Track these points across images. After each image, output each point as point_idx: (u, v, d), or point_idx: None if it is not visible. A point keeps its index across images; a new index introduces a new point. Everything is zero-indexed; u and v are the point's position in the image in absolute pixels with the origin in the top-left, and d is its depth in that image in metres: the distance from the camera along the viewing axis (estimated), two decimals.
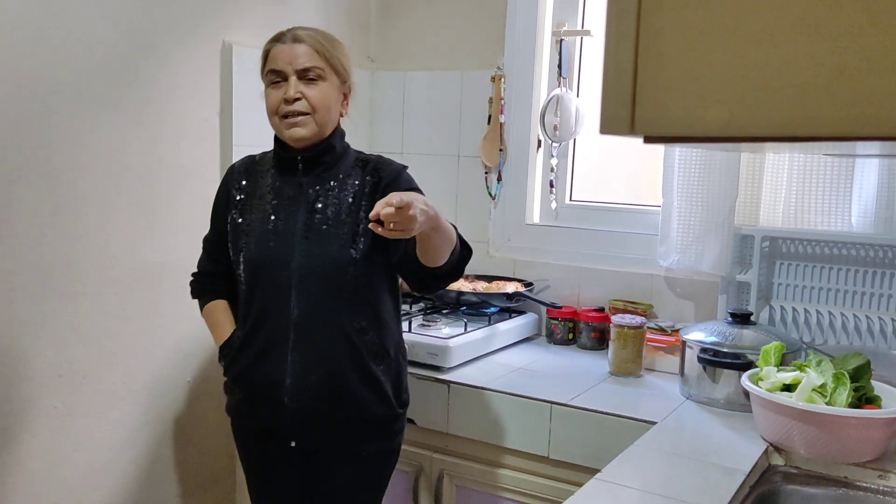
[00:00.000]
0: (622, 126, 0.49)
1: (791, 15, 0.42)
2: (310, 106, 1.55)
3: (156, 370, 1.98)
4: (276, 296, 1.57)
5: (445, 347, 1.95)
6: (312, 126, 1.57)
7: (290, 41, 1.56)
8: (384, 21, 2.61)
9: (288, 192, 1.62)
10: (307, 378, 1.56)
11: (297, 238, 1.57)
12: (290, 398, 1.57)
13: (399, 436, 1.70)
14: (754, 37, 0.44)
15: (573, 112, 2.33)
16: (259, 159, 1.70)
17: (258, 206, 1.62)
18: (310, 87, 1.56)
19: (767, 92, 0.43)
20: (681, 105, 0.47)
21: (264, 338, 1.59)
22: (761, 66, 0.43)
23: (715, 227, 1.97)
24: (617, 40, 0.48)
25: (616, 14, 0.47)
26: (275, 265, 1.57)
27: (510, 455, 1.83)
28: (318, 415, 1.58)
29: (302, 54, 1.55)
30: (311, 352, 1.56)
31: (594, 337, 2.22)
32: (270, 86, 1.58)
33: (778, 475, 1.46)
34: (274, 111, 1.57)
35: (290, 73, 1.55)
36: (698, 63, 0.46)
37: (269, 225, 1.59)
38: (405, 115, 2.59)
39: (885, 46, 0.40)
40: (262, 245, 1.59)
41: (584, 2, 2.35)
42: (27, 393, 1.69)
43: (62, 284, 1.73)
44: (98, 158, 1.77)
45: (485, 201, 2.47)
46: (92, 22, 1.72)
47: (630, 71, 0.47)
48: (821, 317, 1.89)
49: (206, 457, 2.13)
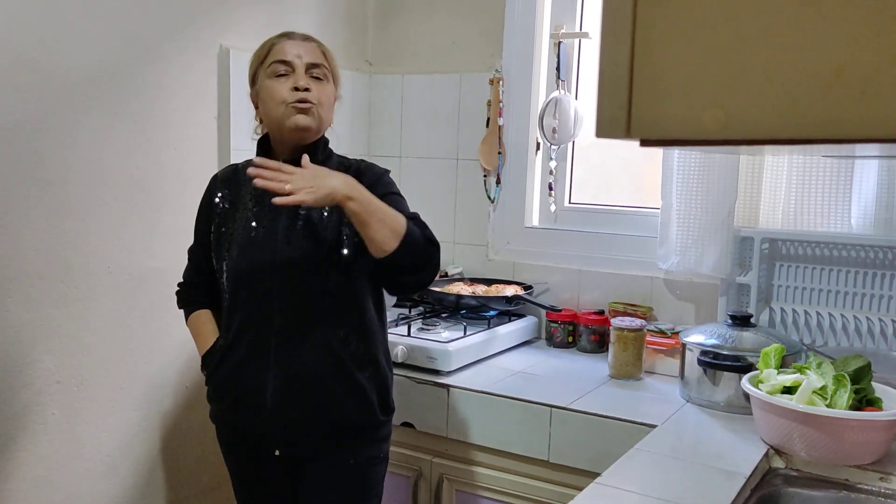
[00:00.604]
0: (618, 129, 0.48)
1: (787, 18, 0.42)
2: (317, 98, 1.56)
3: (154, 376, 1.97)
4: (258, 304, 1.56)
5: (445, 351, 1.94)
6: (317, 118, 1.56)
7: (299, 38, 1.59)
8: (382, 24, 2.61)
9: (269, 197, 1.60)
10: (289, 386, 1.54)
11: (278, 245, 1.55)
12: (272, 406, 1.55)
13: (386, 443, 1.68)
14: (750, 40, 0.43)
15: (572, 115, 2.33)
16: (241, 167, 1.68)
17: (240, 214, 1.61)
18: (316, 83, 1.57)
19: (763, 95, 0.43)
20: (677, 108, 0.46)
21: (246, 346, 1.57)
22: (757, 69, 0.43)
23: (714, 229, 1.97)
24: (613, 43, 0.47)
25: (611, 17, 0.47)
26: (256, 273, 1.56)
27: (510, 459, 1.82)
28: (301, 423, 1.56)
29: (312, 51, 1.58)
30: (294, 360, 1.55)
31: (594, 340, 2.21)
32: (273, 77, 1.56)
33: (779, 478, 1.45)
34: (282, 100, 1.54)
35: (299, 66, 1.55)
36: (694, 66, 0.45)
37: (251, 233, 1.58)
38: (403, 119, 2.59)
39: (881, 49, 0.39)
40: (243, 253, 1.57)
41: (581, 4, 2.35)
42: (25, 400, 1.69)
43: (59, 291, 1.73)
44: (95, 164, 1.77)
45: (484, 204, 2.47)
46: (89, 27, 1.72)
47: (626, 74, 0.47)
48: (821, 318, 1.89)
49: (205, 463, 2.13)
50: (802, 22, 0.42)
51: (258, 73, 1.59)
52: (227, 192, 1.65)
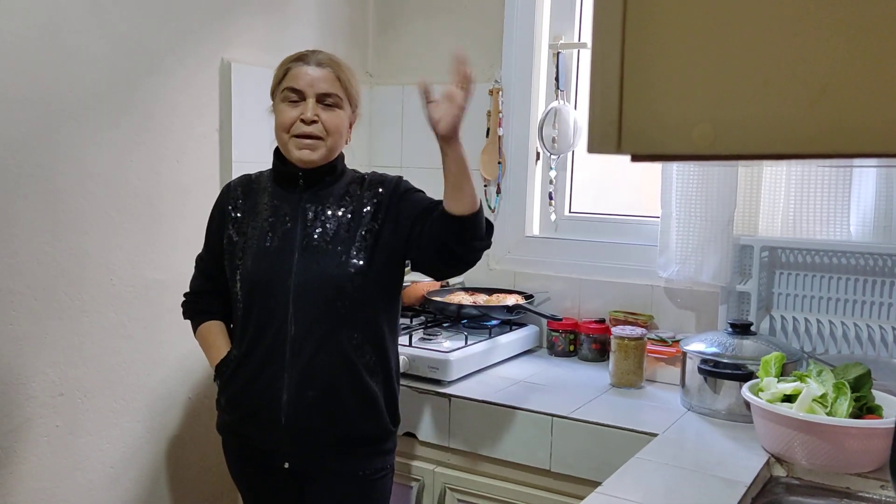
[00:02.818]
0: (610, 145, 0.49)
1: (772, 37, 0.43)
2: (324, 130, 1.57)
3: (157, 387, 1.98)
4: (272, 313, 1.57)
5: (446, 361, 1.95)
6: (323, 151, 1.59)
7: (313, 64, 1.58)
8: (382, 36, 2.63)
9: (285, 208, 1.62)
10: (303, 395, 1.56)
11: (294, 255, 1.57)
12: (286, 416, 1.56)
13: (391, 455, 1.69)
14: (737, 57, 0.44)
15: (571, 124, 2.34)
16: (255, 178, 1.70)
17: (255, 223, 1.63)
18: (326, 111, 1.58)
19: (750, 112, 0.44)
20: (666, 124, 0.47)
21: (261, 356, 1.58)
22: (744, 86, 0.44)
23: (714, 237, 1.97)
24: (603, 61, 0.48)
25: (600, 37, 0.48)
26: (272, 282, 1.57)
27: (512, 468, 1.83)
28: (313, 433, 1.57)
29: (325, 79, 1.57)
30: (308, 369, 1.56)
31: (595, 348, 2.22)
32: (285, 102, 1.58)
33: (780, 486, 1.45)
34: (286, 128, 1.57)
35: (309, 95, 1.56)
36: (683, 83, 0.46)
37: (266, 242, 1.60)
38: (404, 129, 2.61)
39: (864, 67, 0.40)
40: (258, 262, 1.59)
41: (580, 15, 2.37)
42: (28, 412, 1.70)
43: (63, 302, 1.74)
44: (99, 176, 1.78)
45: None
46: (92, 41, 1.74)
47: (616, 91, 0.48)
48: (821, 326, 1.89)
49: (208, 474, 2.13)
50: (787, 41, 0.43)
51: (275, 92, 1.62)
52: (241, 201, 1.66)
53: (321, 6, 2.40)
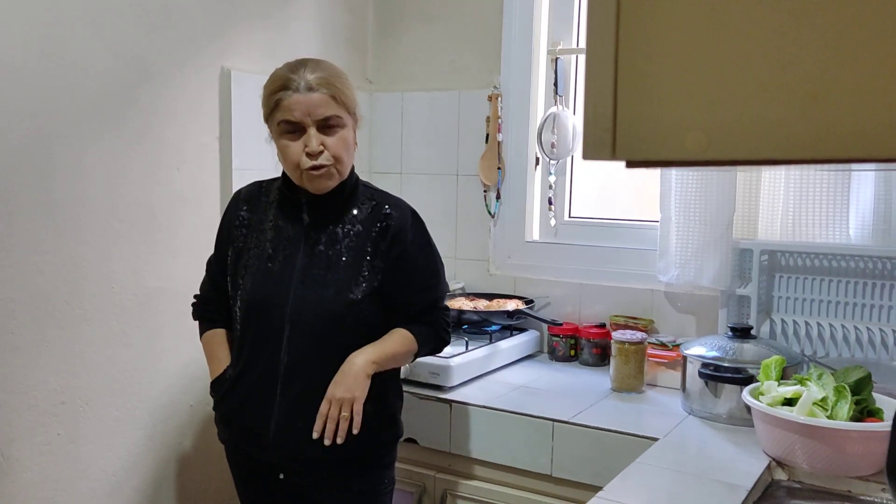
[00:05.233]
0: (604, 152, 0.49)
1: (763, 45, 0.43)
2: (331, 157, 1.50)
3: (158, 395, 1.98)
4: (267, 340, 1.55)
5: (447, 367, 1.95)
6: (336, 176, 1.53)
7: (304, 90, 1.47)
8: (382, 43, 2.64)
9: (289, 231, 1.58)
10: (293, 424, 1.53)
11: (293, 282, 1.54)
12: (274, 437, 1.55)
13: (390, 469, 1.68)
14: (729, 64, 0.45)
15: (570, 129, 2.35)
16: (266, 188, 1.66)
17: (257, 242, 1.60)
18: (330, 136, 1.50)
19: (743, 118, 0.44)
20: (660, 131, 0.48)
21: (253, 380, 1.57)
22: (736, 92, 0.44)
23: (713, 241, 1.98)
24: (596, 70, 0.49)
25: (594, 40, 0.49)
26: (269, 308, 1.55)
27: (513, 474, 1.83)
28: (304, 453, 1.54)
29: (320, 104, 1.48)
30: (299, 399, 1.53)
31: (596, 353, 2.22)
32: (285, 136, 1.50)
33: (781, 490, 1.45)
34: (296, 165, 1.50)
35: (309, 125, 1.48)
36: (676, 90, 0.47)
37: (266, 264, 1.57)
38: (404, 136, 2.61)
39: (855, 72, 0.41)
40: (257, 286, 1.57)
41: (578, 20, 2.37)
42: (30, 420, 1.70)
43: (63, 311, 1.74)
44: (99, 184, 1.79)
45: (484, 219, 2.48)
46: (92, 49, 1.74)
47: (610, 99, 0.48)
48: (821, 329, 1.89)
49: (210, 481, 2.13)
50: (778, 48, 0.43)
51: (269, 121, 1.54)
52: (249, 212, 1.64)
53: (321, 13, 2.41)
